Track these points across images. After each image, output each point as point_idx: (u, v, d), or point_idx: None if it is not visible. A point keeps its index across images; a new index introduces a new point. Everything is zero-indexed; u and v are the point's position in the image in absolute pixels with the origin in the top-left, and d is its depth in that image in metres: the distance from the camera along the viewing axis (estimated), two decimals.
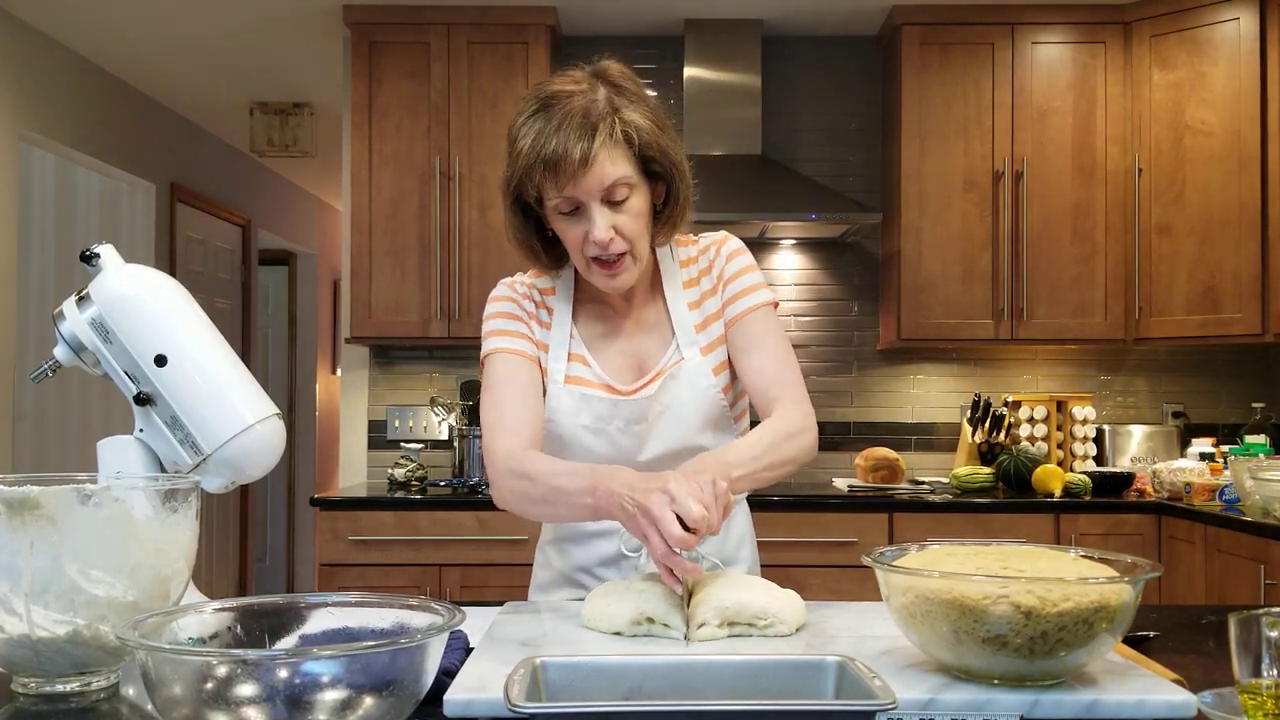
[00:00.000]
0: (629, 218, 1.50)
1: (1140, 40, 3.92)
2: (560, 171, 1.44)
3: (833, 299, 4.32)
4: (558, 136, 1.43)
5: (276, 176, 6.81)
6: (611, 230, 1.48)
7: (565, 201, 1.48)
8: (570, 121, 1.44)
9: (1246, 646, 0.94)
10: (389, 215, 3.95)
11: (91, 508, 1.08)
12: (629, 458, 1.58)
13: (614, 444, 1.59)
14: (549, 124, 1.45)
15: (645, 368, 1.62)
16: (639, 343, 1.64)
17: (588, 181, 1.45)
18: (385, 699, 0.87)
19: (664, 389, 1.59)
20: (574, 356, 1.62)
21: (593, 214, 1.48)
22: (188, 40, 4.43)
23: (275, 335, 7.24)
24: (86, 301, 1.41)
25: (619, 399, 1.58)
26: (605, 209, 1.48)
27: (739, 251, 1.67)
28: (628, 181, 1.48)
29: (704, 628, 1.26)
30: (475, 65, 3.96)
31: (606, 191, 1.47)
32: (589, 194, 1.46)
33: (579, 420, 1.58)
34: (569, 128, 1.43)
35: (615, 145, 1.46)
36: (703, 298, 1.65)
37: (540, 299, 1.67)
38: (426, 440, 4.27)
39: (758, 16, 4.11)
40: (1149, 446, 4.07)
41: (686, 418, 1.59)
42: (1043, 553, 1.15)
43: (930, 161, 3.95)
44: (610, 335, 1.64)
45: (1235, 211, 3.72)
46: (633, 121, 1.47)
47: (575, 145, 1.43)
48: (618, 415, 1.58)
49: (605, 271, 1.53)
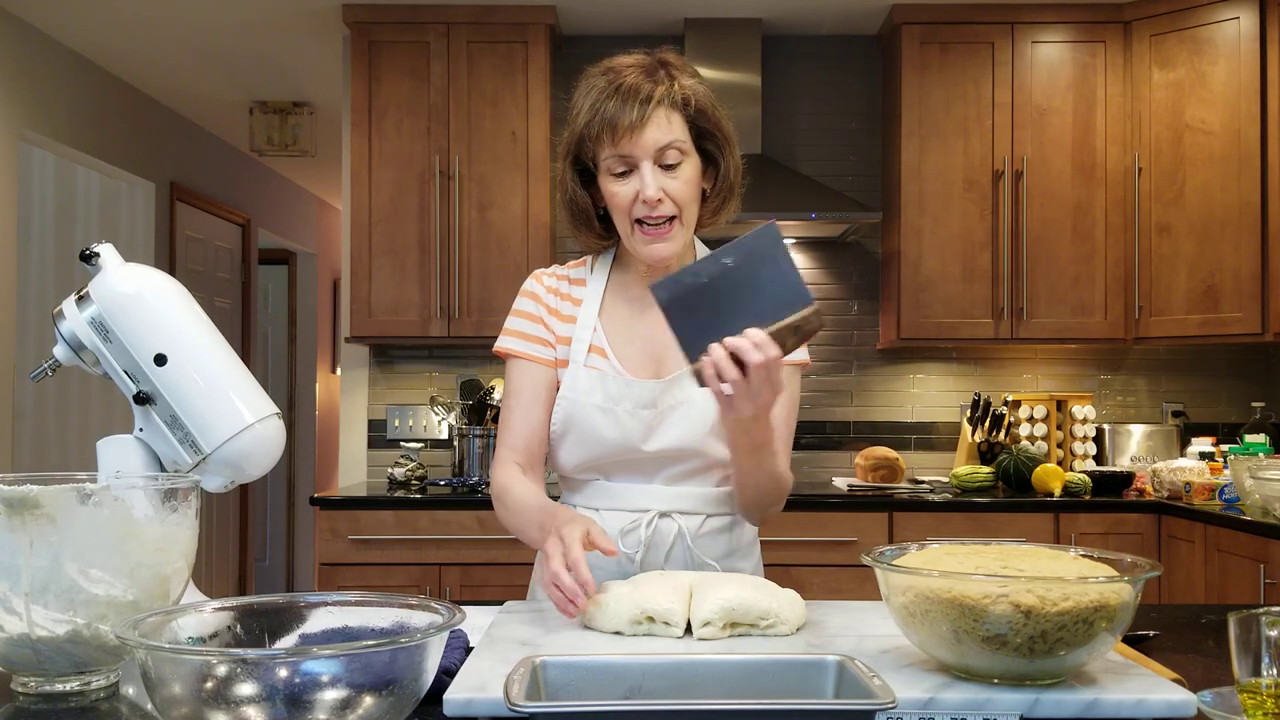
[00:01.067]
0: (680, 183, 1.54)
1: (1140, 40, 3.92)
2: (618, 127, 1.50)
3: (833, 298, 4.32)
4: (617, 96, 1.51)
5: (276, 176, 6.81)
6: (661, 192, 1.52)
7: (619, 160, 1.53)
8: (629, 84, 1.52)
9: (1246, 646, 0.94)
10: (389, 215, 3.95)
11: (91, 507, 1.08)
12: (634, 445, 1.59)
13: (621, 426, 1.59)
14: (610, 85, 1.53)
15: (664, 367, 1.63)
16: (662, 340, 1.63)
17: (643, 139, 1.51)
18: (385, 698, 0.87)
19: (678, 383, 1.60)
20: (594, 348, 1.64)
21: (644, 173, 1.52)
22: (187, 40, 4.43)
23: (275, 335, 7.24)
24: (86, 301, 1.41)
25: (632, 380, 1.60)
26: (657, 170, 1.53)
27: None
28: (680, 146, 1.53)
29: (706, 627, 1.26)
30: (475, 65, 3.95)
31: (659, 153, 1.52)
32: (644, 151, 1.51)
33: (591, 399, 1.60)
34: (627, 89, 1.52)
35: (672, 109, 1.53)
36: None
37: (569, 291, 1.69)
38: (426, 440, 4.27)
39: (758, 16, 4.11)
40: (1149, 446, 4.07)
41: (696, 417, 1.59)
42: (1042, 552, 1.15)
43: (930, 161, 3.95)
44: (634, 329, 1.65)
45: (1235, 211, 3.71)
46: (690, 87, 1.55)
47: (633, 102, 1.50)
48: (628, 396, 1.59)
49: (650, 235, 1.55)
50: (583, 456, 1.63)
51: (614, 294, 1.68)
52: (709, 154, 1.59)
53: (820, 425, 4.31)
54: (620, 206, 1.56)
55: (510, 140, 3.94)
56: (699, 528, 1.63)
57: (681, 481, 1.63)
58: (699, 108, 1.55)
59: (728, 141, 1.60)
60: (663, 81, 1.53)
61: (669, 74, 1.55)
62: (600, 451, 1.61)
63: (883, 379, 4.33)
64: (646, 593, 1.30)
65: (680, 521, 1.62)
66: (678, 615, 1.29)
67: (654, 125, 1.51)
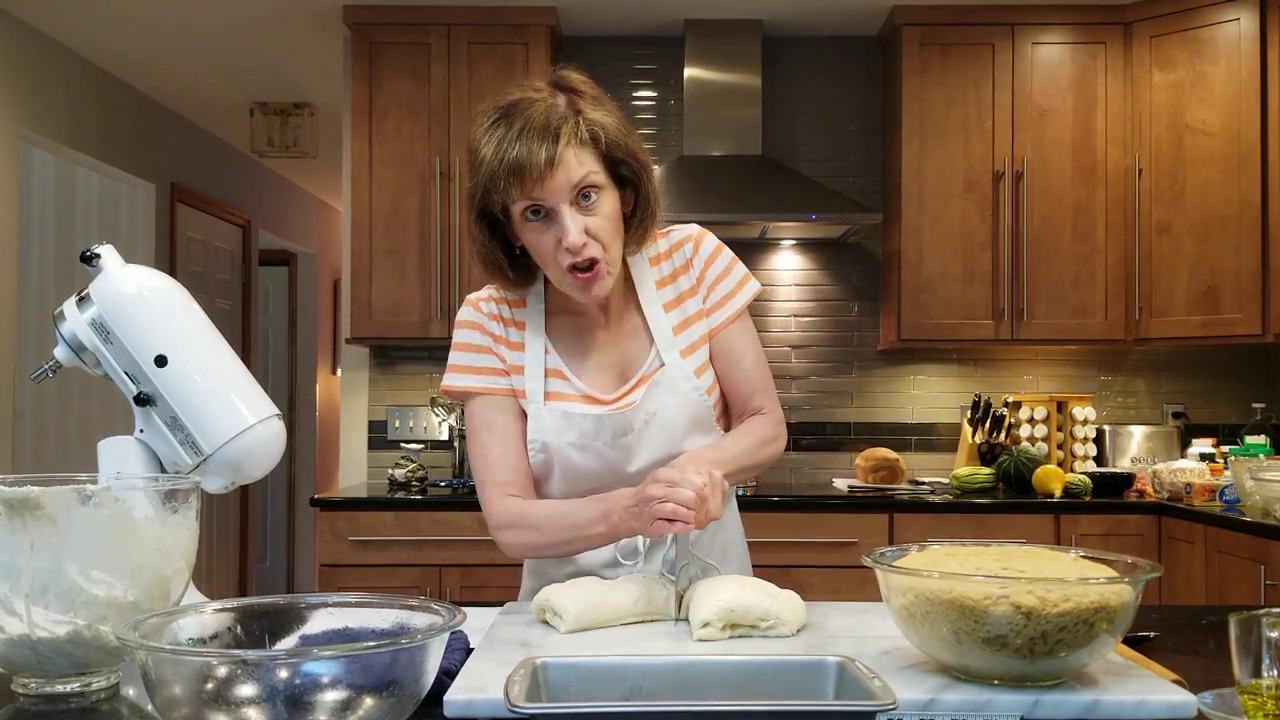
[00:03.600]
0: (601, 219, 1.46)
1: (1140, 40, 3.92)
2: (526, 175, 1.41)
3: (833, 299, 4.32)
4: (520, 141, 1.41)
5: (276, 176, 6.81)
6: (584, 234, 1.44)
7: (533, 208, 1.44)
8: (532, 125, 1.41)
9: (1246, 647, 0.94)
10: (389, 215, 3.95)
11: (92, 508, 1.08)
12: (617, 470, 1.56)
13: (601, 458, 1.55)
14: (510, 130, 1.42)
15: (627, 375, 1.59)
16: (618, 351, 1.60)
17: (556, 182, 1.42)
18: (385, 699, 0.87)
19: (648, 397, 1.55)
20: (551, 372, 1.57)
21: (563, 218, 1.43)
22: (188, 40, 4.43)
23: (275, 335, 7.24)
24: (86, 302, 1.41)
25: (603, 413, 1.54)
26: (576, 212, 1.44)
27: (718, 251, 1.64)
28: (595, 181, 1.45)
29: (706, 628, 1.26)
30: (475, 65, 3.96)
31: (576, 192, 1.44)
32: (558, 195, 1.43)
33: (564, 438, 1.55)
34: (531, 131, 1.41)
35: (581, 146, 1.43)
36: (680, 297, 1.62)
37: (510, 315, 1.61)
38: (426, 440, 4.27)
39: (758, 16, 4.11)
40: (1149, 447, 4.07)
41: (671, 423, 1.56)
42: (1043, 553, 1.15)
43: (930, 161, 3.95)
44: (587, 347, 1.60)
45: (1235, 211, 3.71)
46: (597, 120, 1.45)
47: (540, 147, 1.40)
48: (603, 430, 1.54)
49: (582, 280, 1.47)
50: (568, 489, 1.59)
51: (556, 310, 1.61)
52: (625, 179, 1.51)
53: (820, 426, 4.31)
54: (545, 255, 1.48)
55: None
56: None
57: None
58: (610, 141, 1.46)
59: (644, 168, 1.51)
60: (568, 119, 1.43)
61: (573, 105, 1.45)
62: (586, 482, 1.57)
63: (883, 380, 4.33)
64: (637, 586, 1.35)
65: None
66: (670, 606, 1.35)
67: (564, 167, 1.41)
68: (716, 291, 1.62)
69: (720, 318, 1.61)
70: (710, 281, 1.62)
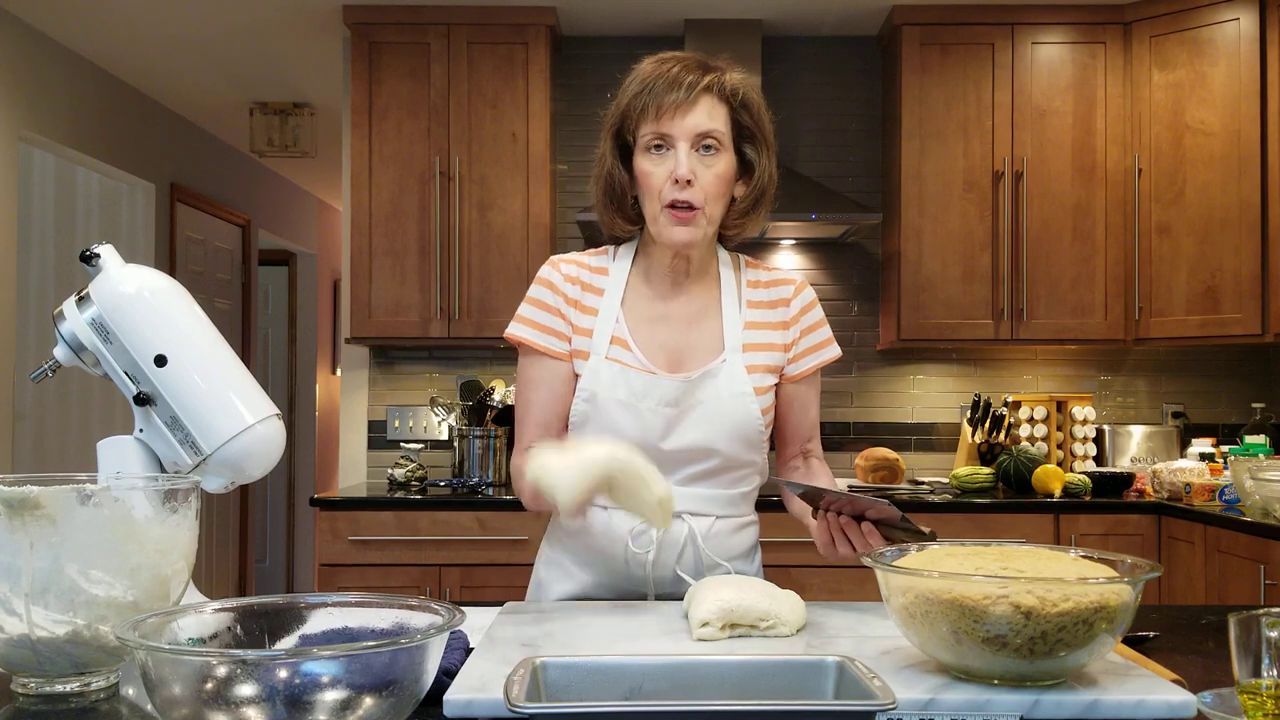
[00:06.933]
0: (712, 174, 1.56)
1: (1140, 40, 3.92)
2: (662, 104, 1.54)
3: (833, 299, 4.32)
4: (668, 76, 1.56)
5: (276, 176, 6.81)
6: (693, 174, 1.54)
7: (657, 138, 1.56)
8: (686, 65, 1.57)
9: (1246, 647, 0.94)
10: (389, 215, 3.95)
11: (92, 508, 1.08)
12: (651, 442, 1.58)
13: (642, 422, 1.59)
14: (662, 66, 1.58)
15: (684, 363, 1.63)
16: (682, 337, 1.64)
17: (685, 121, 1.54)
18: (385, 699, 0.87)
19: (701, 382, 1.60)
20: (615, 339, 1.63)
21: (679, 152, 1.54)
22: (187, 40, 4.43)
23: (275, 335, 7.24)
24: (86, 302, 1.41)
25: (656, 377, 1.60)
26: (693, 154, 1.55)
27: (815, 304, 1.76)
28: (719, 137, 1.56)
29: (705, 628, 1.26)
30: (475, 65, 3.96)
31: (698, 139, 1.55)
32: (683, 132, 1.54)
33: (614, 393, 1.59)
34: (684, 68, 1.56)
35: (719, 99, 1.57)
36: (767, 326, 1.68)
37: (590, 280, 1.67)
38: (426, 440, 4.27)
39: (758, 16, 4.11)
40: (1149, 447, 4.07)
41: (715, 418, 1.60)
42: (1042, 553, 1.15)
43: (930, 161, 3.95)
44: (656, 324, 1.65)
45: (1235, 211, 3.71)
46: (740, 80, 1.60)
47: (684, 84, 1.54)
48: (652, 393, 1.59)
49: (677, 218, 1.56)
50: None
51: (637, 284, 1.67)
52: (746, 159, 1.61)
53: (820, 426, 4.30)
54: (651, 187, 1.57)
55: (510, 141, 3.95)
56: (708, 529, 1.64)
57: (695, 483, 1.63)
58: (745, 100, 1.59)
59: (767, 144, 1.63)
60: (714, 71, 1.58)
61: (720, 69, 1.59)
62: None
63: (883, 380, 4.33)
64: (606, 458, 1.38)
65: (691, 523, 1.62)
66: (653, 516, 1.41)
67: (698, 110, 1.55)
68: (805, 341, 1.72)
69: (801, 367, 1.71)
70: (803, 327, 1.72)
